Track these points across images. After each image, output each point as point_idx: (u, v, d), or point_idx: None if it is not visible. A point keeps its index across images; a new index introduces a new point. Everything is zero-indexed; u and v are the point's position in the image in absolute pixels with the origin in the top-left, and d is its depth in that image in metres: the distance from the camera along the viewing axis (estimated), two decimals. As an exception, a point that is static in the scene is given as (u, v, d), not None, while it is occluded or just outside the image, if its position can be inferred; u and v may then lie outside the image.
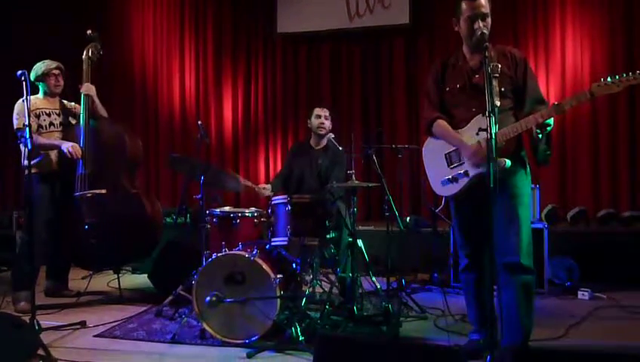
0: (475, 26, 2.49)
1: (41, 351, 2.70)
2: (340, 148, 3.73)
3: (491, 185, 2.10)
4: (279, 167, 6.40)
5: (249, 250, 3.04)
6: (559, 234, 4.40)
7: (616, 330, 3.15)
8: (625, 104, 5.35)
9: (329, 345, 2.04)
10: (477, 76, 2.54)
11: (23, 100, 3.15)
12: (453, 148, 2.60)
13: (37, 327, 2.88)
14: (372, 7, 6.04)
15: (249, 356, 2.75)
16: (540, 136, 2.36)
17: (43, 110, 3.88)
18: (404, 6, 5.94)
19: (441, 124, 2.66)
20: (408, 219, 4.99)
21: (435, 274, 4.33)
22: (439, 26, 5.95)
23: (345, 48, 6.28)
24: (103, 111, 4.01)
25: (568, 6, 5.58)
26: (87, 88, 3.91)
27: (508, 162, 2.36)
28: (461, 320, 3.35)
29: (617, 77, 2.29)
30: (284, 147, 6.44)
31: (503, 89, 2.43)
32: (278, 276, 2.95)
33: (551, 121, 2.37)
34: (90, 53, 4.00)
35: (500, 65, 2.30)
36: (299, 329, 2.87)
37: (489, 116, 2.15)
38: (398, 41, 6.11)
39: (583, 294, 3.85)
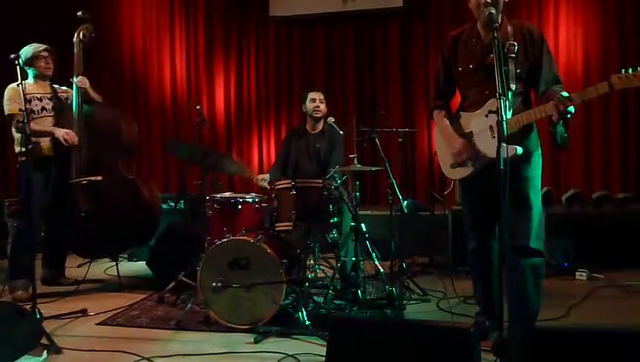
0: (481, 1, 2.40)
1: (44, 340, 2.67)
2: (341, 132, 3.70)
3: (501, 169, 2.09)
4: (272, 152, 6.36)
5: (253, 236, 3.02)
6: (555, 216, 4.43)
7: (617, 309, 3.22)
8: (618, 90, 5.38)
9: (343, 328, 2.04)
10: (491, 56, 2.35)
11: (18, 85, 3.05)
12: (467, 132, 2.56)
13: (38, 316, 2.84)
14: (366, -10, 5.96)
15: (256, 341, 2.75)
16: (559, 123, 2.28)
17: (34, 95, 3.77)
18: (398, -12, 5.87)
19: (437, 117, 2.70)
20: (405, 202, 4.99)
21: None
22: (434, 9, 5.91)
23: (339, 32, 6.20)
24: (96, 97, 3.92)
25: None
26: (82, 81, 3.79)
27: (519, 150, 2.31)
28: (463, 301, 3.38)
29: (638, 70, 2.13)
30: (277, 132, 6.38)
31: (518, 70, 2.34)
32: (283, 260, 2.94)
33: (571, 108, 2.24)
34: (81, 36, 3.88)
35: (516, 45, 2.21)
36: (304, 313, 2.88)
37: (499, 99, 2.13)
38: (392, 25, 6.05)
39: (581, 275, 3.90)
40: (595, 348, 1.97)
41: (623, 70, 2.17)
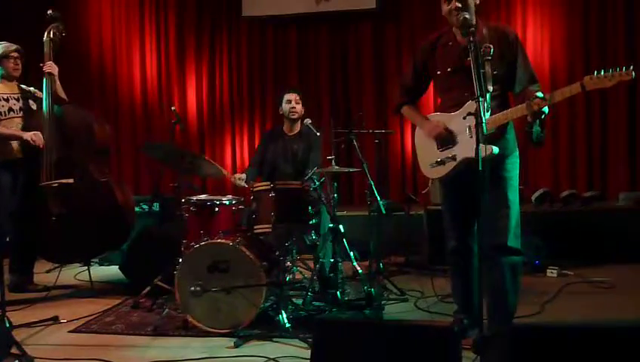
0: (454, 6, 2.46)
1: (15, 350, 2.57)
2: (318, 134, 3.69)
3: (480, 169, 2.13)
4: (245, 152, 6.32)
5: (232, 238, 2.99)
6: (525, 214, 4.47)
7: (588, 305, 3.31)
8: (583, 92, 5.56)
9: (328, 330, 2.03)
10: (469, 59, 2.40)
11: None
12: (447, 130, 2.60)
13: (7, 324, 2.73)
14: (339, -9, 5.98)
15: (237, 345, 2.72)
16: (534, 122, 2.35)
17: (0, 95, 3.65)
18: (370, -10, 5.91)
19: (407, 110, 2.80)
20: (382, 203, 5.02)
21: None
22: (406, 11, 5.97)
23: (312, 32, 6.20)
24: (62, 94, 3.81)
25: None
26: (51, 67, 3.69)
27: (495, 149, 2.36)
28: (440, 300, 3.42)
29: (611, 71, 2.19)
30: (250, 132, 6.33)
31: (495, 72, 2.38)
32: (263, 263, 2.92)
33: (545, 109, 2.32)
34: (52, 35, 3.76)
35: (492, 47, 2.27)
36: (284, 316, 2.86)
37: (478, 101, 2.17)
38: (364, 26, 6.09)
39: (552, 271, 4.01)
40: (573, 344, 2.02)
41: (596, 72, 2.24)
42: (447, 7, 2.52)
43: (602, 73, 2.22)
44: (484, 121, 2.15)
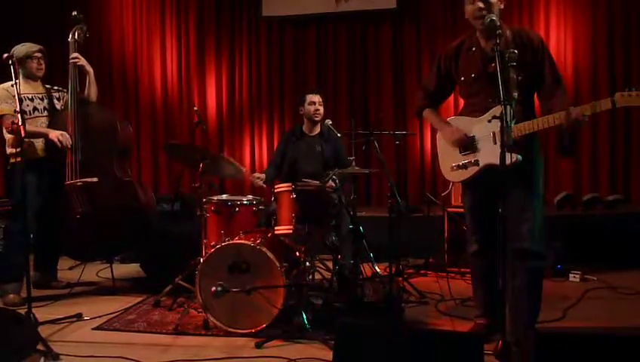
0: (478, 7, 2.45)
1: (41, 346, 2.62)
2: (339, 135, 3.69)
3: (504, 176, 2.12)
4: (264, 152, 6.34)
5: (253, 239, 3.00)
6: (546, 218, 4.45)
7: (612, 311, 3.26)
8: (606, 94, 5.47)
9: (350, 333, 2.03)
10: (493, 65, 2.41)
11: (12, 85, 3.00)
12: (469, 136, 2.59)
13: (34, 321, 2.79)
14: (358, -9, 5.97)
15: (258, 346, 2.73)
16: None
17: (25, 95, 3.69)
18: (390, -10, 5.88)
19: (427, 113, 2.81)
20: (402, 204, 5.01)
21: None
22: (426, 11, 5.95)
23: (331, 32, 6.20)
24: (93, 92, 3.86)
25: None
26: (77, 58, 3.74)
27: (520, 157, 2.34)
28: (461, 304, 3.40)
29: None
30: (269, 132, 6.36)
31: (519, 77, 2.36)
32: (284, 264, 2.93)
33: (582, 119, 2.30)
34: (76, 36, 3.81)
35: (516, 52, 2.26)
36: (305, 317, 2.87)
37: (503, 105, 2.16)
38: (384, 26, 6.07)
39: (574, 276, 3.95)
40: (596, 351, 2.00)
41: (627, 88, 2.23)
42: (471, 8, 2.50)
43: (634, 91, 2.20)
44: (509, 126, 2.13)
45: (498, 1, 2.50)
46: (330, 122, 3.76)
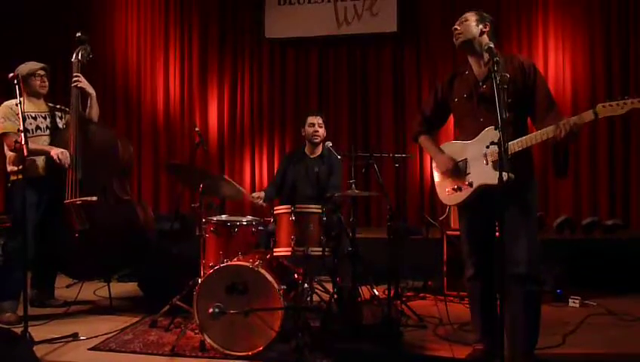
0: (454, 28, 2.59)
1: (35, 366, 2.60)
2: (339, 157, 3.72)
3: (499, 198, 2.13)
4: (265, 173, 6.36)
5: (251, 260, 3.00)
6: (546, 242, 4.47)
7: (612, 338, 3.23)
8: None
9: (350, 360, 2.02)
10: (484, 86, 2.56)
11: (16, 104, 3.03)
12: (461, 159, 2.63)
13: (29, 340, 2.77)
14: (360, 15, 6.06)
15: (254, 368, 2.71)
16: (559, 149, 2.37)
17: (29, 113, 3.72)
18: (392, 14, 5.97)
19: (423, 140, 2.87)
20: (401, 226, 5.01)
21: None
22: (426, 35, 6.04)
23: (332, 55, 6.29)
24: (95, 113, 3.89)
25: (550, 11, 5.73)
26: (79, 79, 3.78)
27: (511, 176, 2.36)
28: (459, 328, 3.37)
29: (622, 99, 2.23)
30: (270, 153, 6.39)
31: (509, 100, 2.40)
32: (282, 286, 2.91)
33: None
34: (79, 57, 3.87)
35: (508, 76, 2.30)
36: (302, 339, 2.84)
37: (501, 130, 2.18)
38: (385, 49, 6.15)
39: (574, 301, 3.93)
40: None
41: (608, 99, 2.30)
42: (456, 40, 2.63)
43: (614, 101, 2.26)
44: (504, 150, 2.15)
45: (477, 24, 2.57)
46: (331, 144, 3.79)
